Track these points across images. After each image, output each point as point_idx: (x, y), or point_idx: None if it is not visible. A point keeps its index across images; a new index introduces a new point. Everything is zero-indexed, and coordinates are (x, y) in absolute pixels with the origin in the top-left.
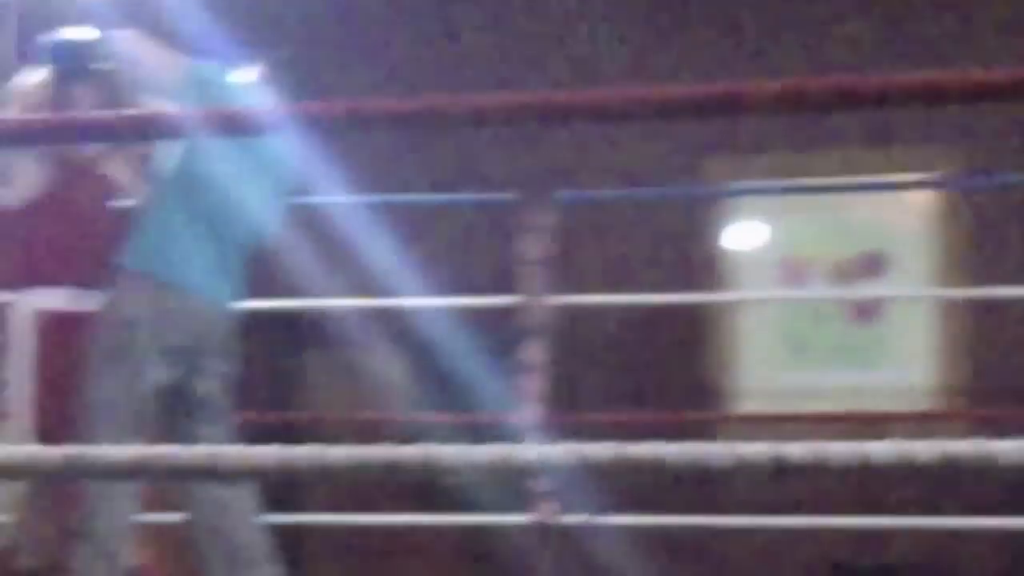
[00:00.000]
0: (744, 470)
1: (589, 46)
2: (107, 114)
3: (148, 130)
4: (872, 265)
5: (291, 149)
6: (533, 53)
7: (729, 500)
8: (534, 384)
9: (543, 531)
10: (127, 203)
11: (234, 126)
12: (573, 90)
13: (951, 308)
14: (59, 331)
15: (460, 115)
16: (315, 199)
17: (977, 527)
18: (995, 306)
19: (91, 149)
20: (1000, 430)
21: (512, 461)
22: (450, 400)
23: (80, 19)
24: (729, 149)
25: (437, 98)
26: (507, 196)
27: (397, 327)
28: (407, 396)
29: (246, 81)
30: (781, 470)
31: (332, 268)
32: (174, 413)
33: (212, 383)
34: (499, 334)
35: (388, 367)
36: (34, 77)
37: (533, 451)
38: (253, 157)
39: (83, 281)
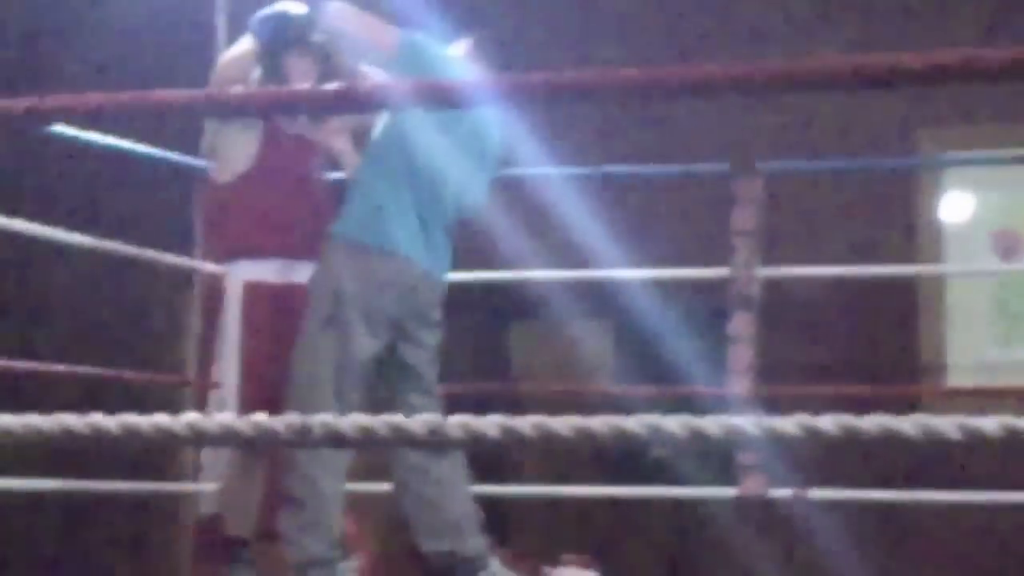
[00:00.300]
0: (974, 443)
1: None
2: (321, 88)
3: (359, 102)
4: None
5: (500, 120)
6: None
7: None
8: (743, 357)
9: (750, 505)
10: (338, 173)
11: (444, 98)
12: (794, 59)
13: None
14: (269, 303)
15: (681, 85)
16: (522, 170)
17: None
18: None
19: (303, 120)
20: None
21: (724, 433)
22: (656, 373)
23: None
24: (941, 120)
25: (655, 69)
26: (715, 167)
27: (603, 299)
28: (611, 369)
29: (457, 54)
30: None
31: (539, 240)
32: (384, 382)
33: (421, 352)
34: (707, 306)
35: (593, 340)
36: (245, 49)
37: (744, 424)
38: (461, 127)
39: (294, 252)
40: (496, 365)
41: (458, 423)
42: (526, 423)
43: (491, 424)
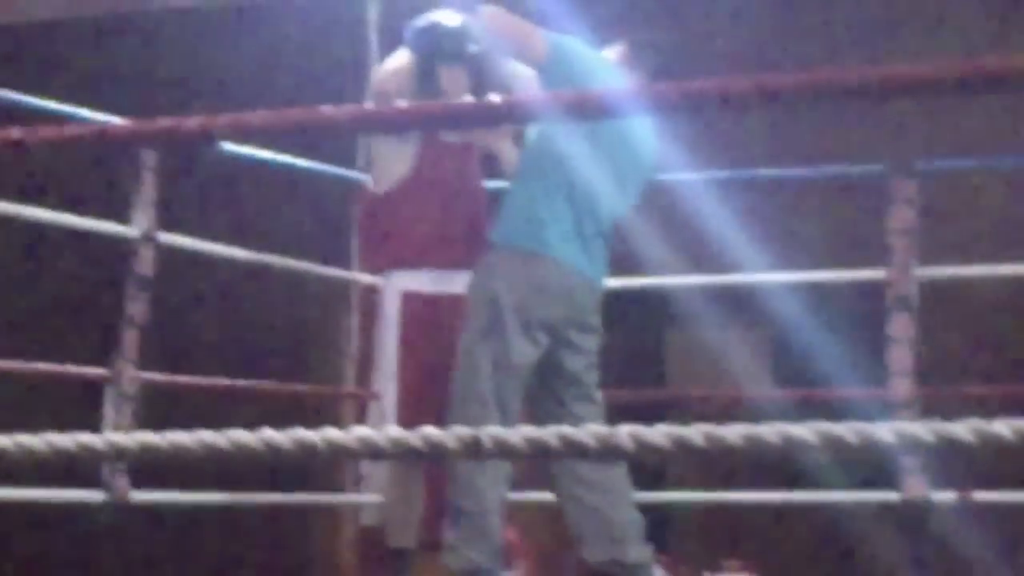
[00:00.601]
0: None
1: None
2: (476, 102)
3: (513, 116)
4: None
5: (652, 125)
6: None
7: None
8: (903, 359)
9: (912, 509)
10: (496, 181)
11: (591, 109)
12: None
13: None
14: (427, 313)
15: (842, 88)
16: (676, 176)
17: None
18: None
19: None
20: None
21: (898, 439)
22: (811, 377)
23: (442, 2)
24: None
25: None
26: (871, 168)
27: (759, 304)
28: (767, 376)
29: (609, 59)
30: None
31: (690, 247)
32: (545, 389)
33: (581, 358)
34: (865, 308)
35: (748, 347)
36: (401, 61)
37: (917, 430)
38: (613, 133)
39: (452, 262)
40: (651, 373)
41: (628, 433)
42: (696, 432)
43: (661, 434)
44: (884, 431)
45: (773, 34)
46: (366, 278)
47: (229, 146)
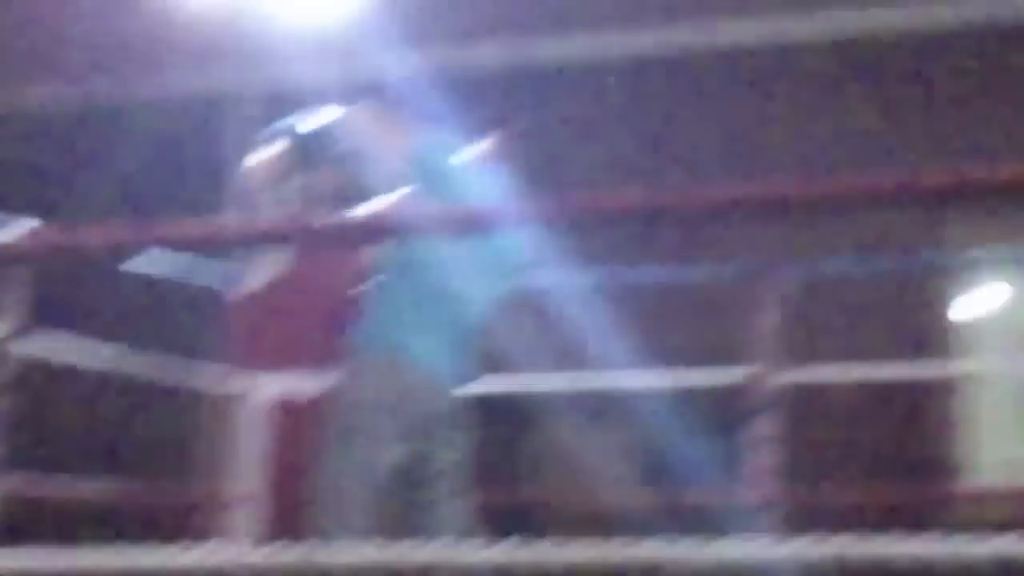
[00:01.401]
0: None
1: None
2: (345, 219)
3: (387, 232)
4: None
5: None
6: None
7: None
8: (765, 460)
9: None
10: (366, 282)
11: (467, 225)
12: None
13: None
14: (292, 415)
15: (705, 207)
16: (542, 277)
17: None
18: None
19: None
20: None
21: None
22: (676, 479)
23: (313, 100)
24: (970, 212)
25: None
26: (738, 269)
27: (624, 406)
28: (632, 476)
29: (471, 158)
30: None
31: (558, 347)
32: (412, 490)
33: (447, 460)
34: (730, 409)
35: (612, 446)
36: (269, 159)
37: (763, 549)
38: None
39: (319, 363)
40: (515, 474)
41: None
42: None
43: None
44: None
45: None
46: (231, 378)
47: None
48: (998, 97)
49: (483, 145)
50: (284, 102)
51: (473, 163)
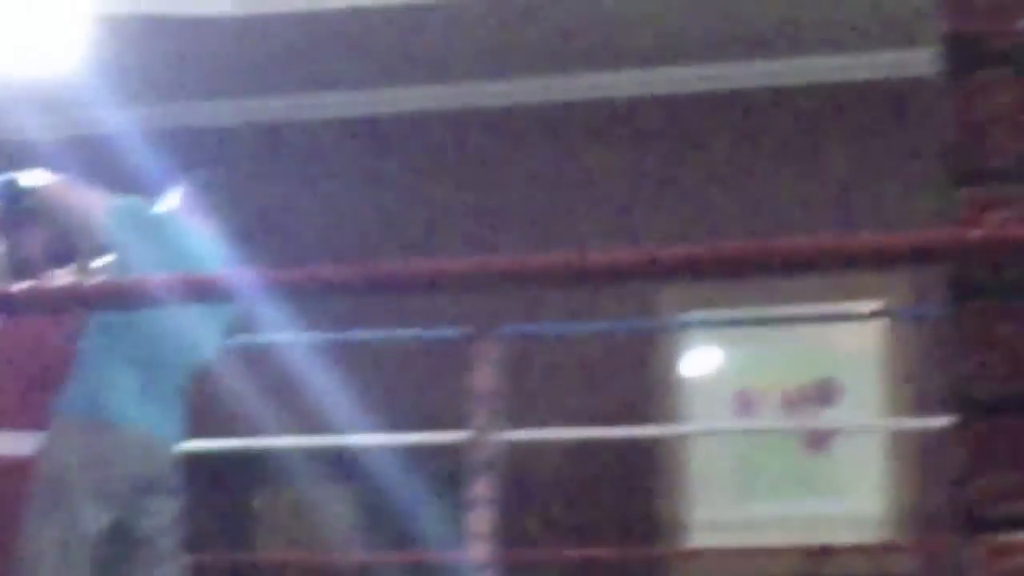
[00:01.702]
0: None
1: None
2: (58, 286)
3: (117, 298)
4: (824, 394)
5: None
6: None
7: None
8: (482, 521)
9: None
10: (73, 343)
11: (198, 293)
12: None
13: (902, 437)
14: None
15: (427, 281)
16: (266, 335)
17: None
18: (946, 435)
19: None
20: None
21: None
22: (400, 538)
23: (27, 154)
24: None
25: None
26: (456, 331)
27: (348, 465)
28: (357, 535)
29: (169, 208)
30: None
31: (282, 405)
32: (118, 555)
33: (156, 523)
34: (450, 470)
35: (337, 506)
36: None
37: None
38: None
39: (27, 424)
40: (240, 533)
41: None
42: None
43: None
44: None
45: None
46: None
47: None
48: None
49: (180, 198)
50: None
51: (168, 217)
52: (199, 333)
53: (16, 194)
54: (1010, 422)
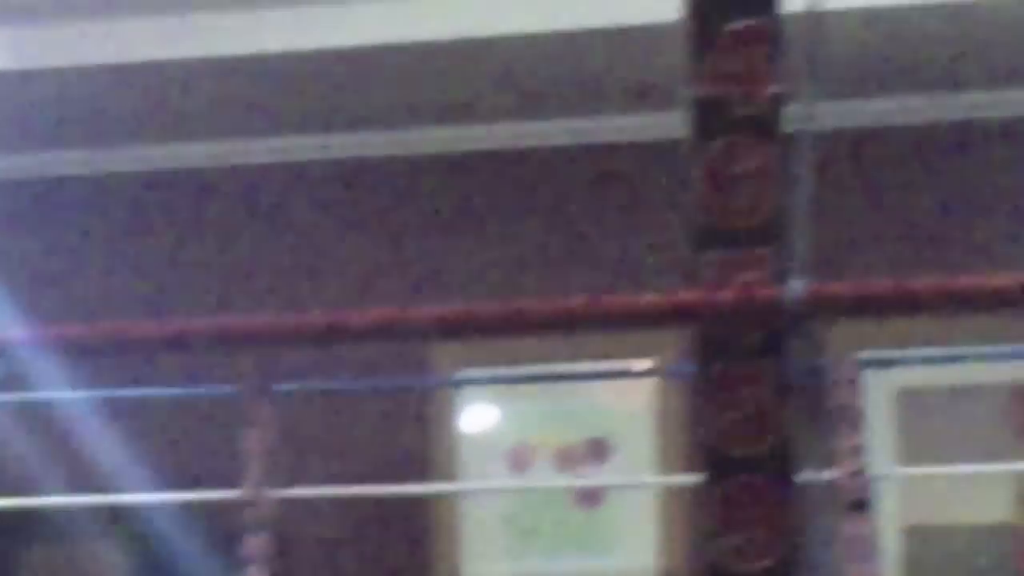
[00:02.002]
0: None
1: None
2: None
3: None
4: (597, 450)
5: None
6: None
7: None
8: None
9: None
10: None
11: None
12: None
13: (672, 493)
14: None
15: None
16: (38, 392)
17: None
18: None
19: None
20: None
21: None
22: None
23: None
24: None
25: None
26: (230, 388)
27: (122, 522)
28: None
29: None
30: None
31: (55, 462)
32: None
33: None
34: (224, 528)
35: (111, 563)
36: None
37: None
38: None
39: None
40: None
41: None
42: None
43: None
44: None
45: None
46: None
47: None
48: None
49: None
50: None
51: None
52: None
53: None
54: (755, 481)
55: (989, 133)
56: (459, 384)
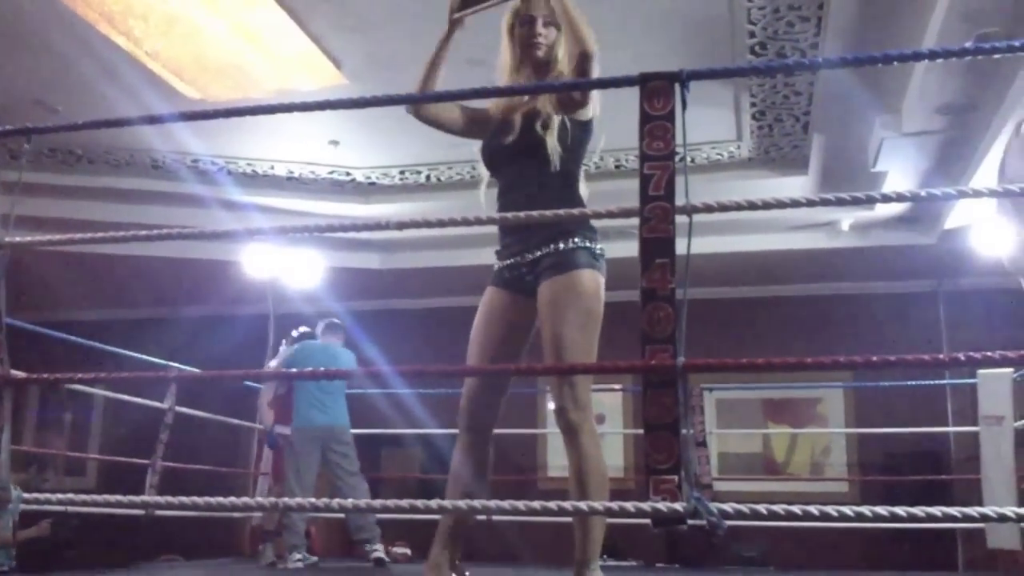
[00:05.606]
0: None
1: None
2: None
3: None
4: (599, 418)
5: None
6: None
7: None
8: None
9: None
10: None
11: None
12: None
13: (631, 440)
14: None
15: None
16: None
17: None
18: None
19: None
20: None
21: None
22: None
23: None
24: None
25: None
26: None
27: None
28: None
29: None
30: None
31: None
32: None
33: None
34: None
35: (418, 459)
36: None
37: None
38: None
39: None
40: None
41: None
42: None
43: None
44: None
45: None
46: None
47: None
48: None
49: None
50: None
51: None
52: None
53: None
54: (662, 435)
55: None
56: None
